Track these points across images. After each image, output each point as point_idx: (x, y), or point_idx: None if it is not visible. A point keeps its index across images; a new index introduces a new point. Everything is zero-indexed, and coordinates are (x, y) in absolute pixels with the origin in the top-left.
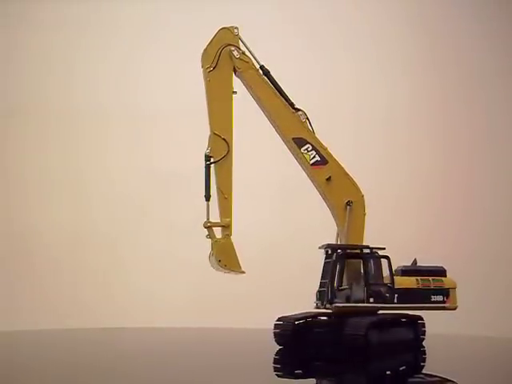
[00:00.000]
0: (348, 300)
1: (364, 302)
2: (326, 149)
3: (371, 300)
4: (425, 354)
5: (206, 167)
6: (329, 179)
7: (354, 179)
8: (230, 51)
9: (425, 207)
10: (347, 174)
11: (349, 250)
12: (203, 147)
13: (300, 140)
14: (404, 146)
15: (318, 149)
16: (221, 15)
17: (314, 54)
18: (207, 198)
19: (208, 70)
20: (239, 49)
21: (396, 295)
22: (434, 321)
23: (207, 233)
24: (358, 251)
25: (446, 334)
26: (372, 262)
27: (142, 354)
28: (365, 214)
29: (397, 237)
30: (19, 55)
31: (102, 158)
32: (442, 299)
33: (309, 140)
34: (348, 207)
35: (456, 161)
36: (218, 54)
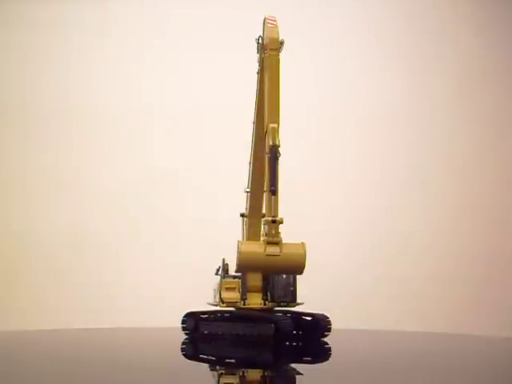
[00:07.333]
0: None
1: (293, 302)
2: None
3: (298, 301)
4: None
5: (274, 160)
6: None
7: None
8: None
9: (421, 208)
10: None
11: None
12: (202, 146)
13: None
14: (404, 146)
15: None
16: (220, 16)
17: (312, 53)
18: (275, 192)
19: (279, 53)
20: None
21: None
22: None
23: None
24: None
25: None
26: None
27: (143, 355)
28: None
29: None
30: (19, 54)
31: (101, 157)
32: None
33: None
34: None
35: (456, 163)
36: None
